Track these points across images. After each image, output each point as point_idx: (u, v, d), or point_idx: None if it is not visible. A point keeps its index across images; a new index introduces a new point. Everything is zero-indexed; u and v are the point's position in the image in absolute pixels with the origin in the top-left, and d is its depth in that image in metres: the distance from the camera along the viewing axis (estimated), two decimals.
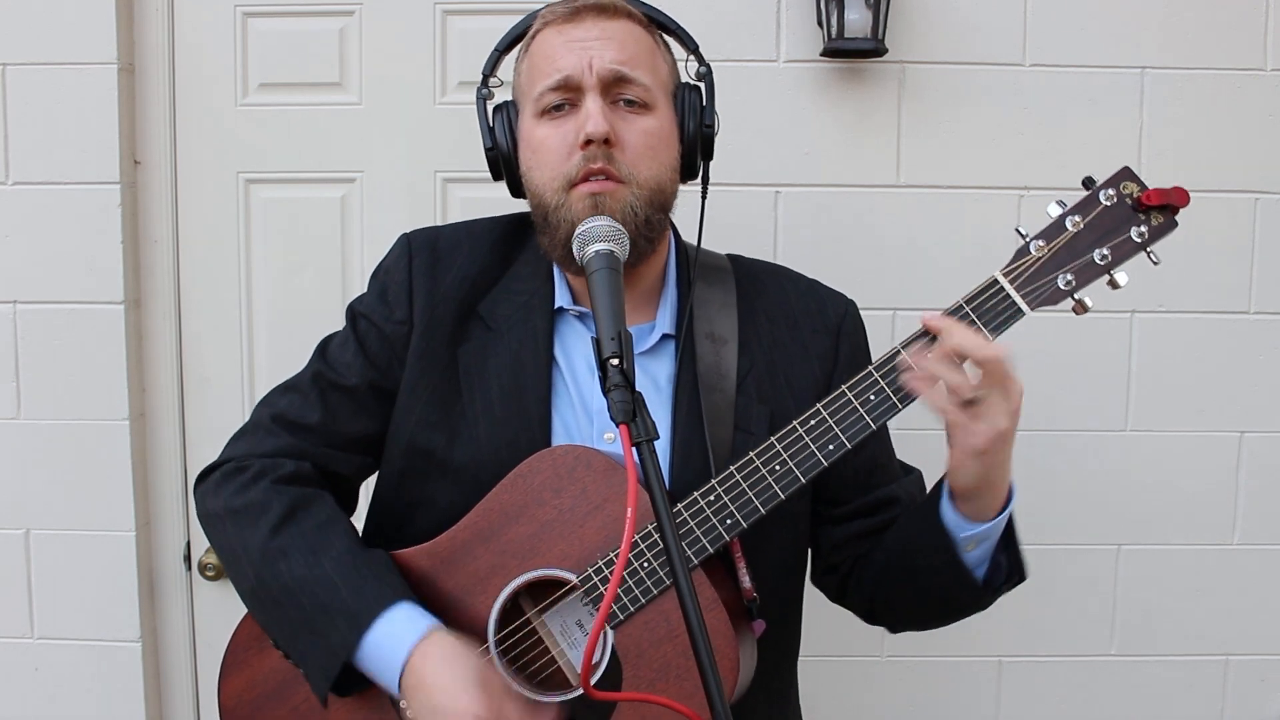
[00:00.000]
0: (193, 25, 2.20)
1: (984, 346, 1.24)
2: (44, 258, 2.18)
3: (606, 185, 1.38)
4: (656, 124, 1.43)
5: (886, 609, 1.53)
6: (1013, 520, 1.37)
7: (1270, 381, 2.23)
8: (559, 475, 1.37)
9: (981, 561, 1.37)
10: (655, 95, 1.43)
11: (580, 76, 1.39)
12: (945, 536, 1.34)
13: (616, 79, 1.40)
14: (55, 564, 2.24)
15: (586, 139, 1.37)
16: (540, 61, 1.44)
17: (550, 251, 1.46)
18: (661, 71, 1.47)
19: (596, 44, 1.40)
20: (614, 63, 1.39)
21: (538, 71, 1.43)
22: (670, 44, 1.53)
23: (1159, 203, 1.29)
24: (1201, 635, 2.29)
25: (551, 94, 1.41)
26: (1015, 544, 1.40)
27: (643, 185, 1.40)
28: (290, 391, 1.53)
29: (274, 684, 1.46)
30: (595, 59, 1.39)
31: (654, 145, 1.42)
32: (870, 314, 1.62)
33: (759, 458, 1.34)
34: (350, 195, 2.23)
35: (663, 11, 1.51)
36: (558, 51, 1.42)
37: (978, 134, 2.18)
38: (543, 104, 1.42)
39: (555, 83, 1.40)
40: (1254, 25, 2.16)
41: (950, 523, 1.34)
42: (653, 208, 1.41)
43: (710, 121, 1.50)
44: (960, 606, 1.45)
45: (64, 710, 2.27)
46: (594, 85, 1.39)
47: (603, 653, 1.36)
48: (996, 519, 1.33)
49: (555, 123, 1.41)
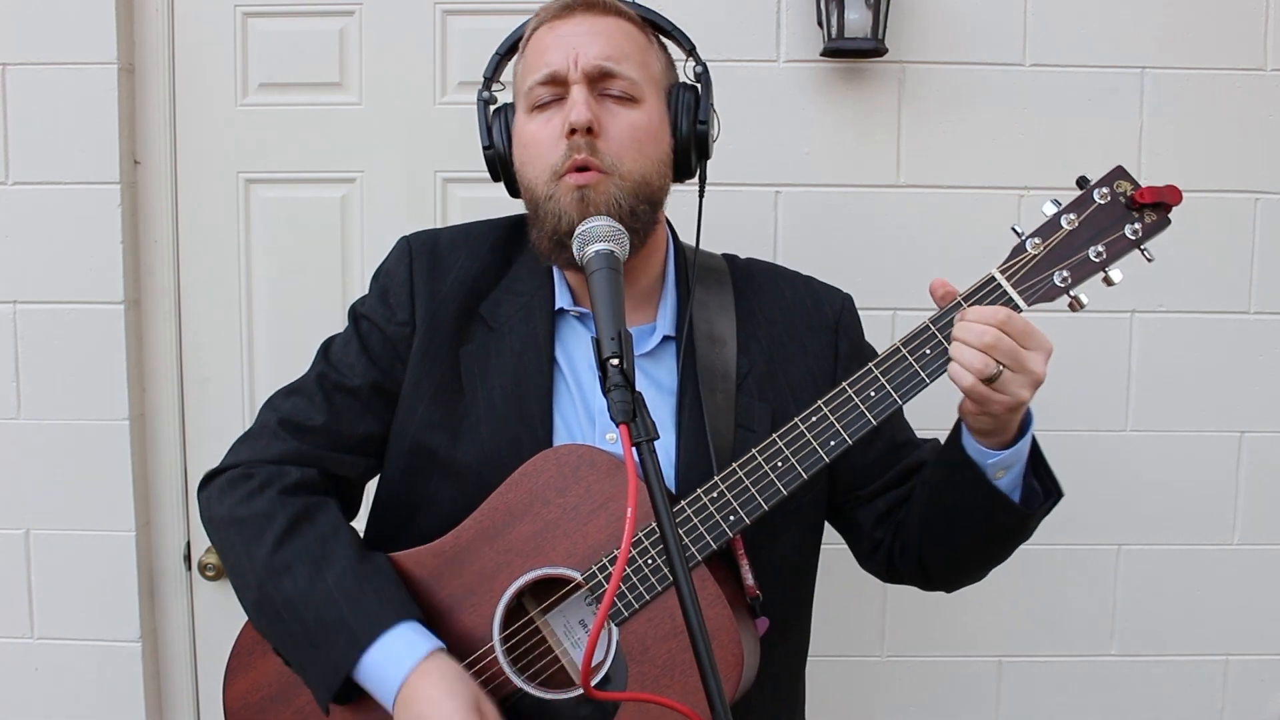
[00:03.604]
0: (193, 25, 2.20)
1: (999, 312, 1.26)
2: (44, 258, 2.18)
3: (590, 176, 1.38)
4: (644, 118, 1.43)
5: (937, 564, 1.49)
6: (1036, 442, 1.37)
7: (1270, 381, 2.24)
8: (563, 474, 1.38)
9: (1014, 487, 1.37)
10: (643, 89, 1.43)
11: (566, 70, 1.40)
12: (974, 469, 1.34)
13: (602, 73, 1.41)
14: (55, 564, 2.24)
15: (570, 128, 1.38)
16: (531, 58, 1.45)
17: (538, 243, 1.45)
18: (652, 68, 1.47)
19: (584, 38, 1.41)
20: (599, 57, 1.40)
21: (529, 68, 1.45)
22: (668, 45, 1.54)
23: (1152, 200, 1.30)
24: (1201, 635, 2.29)
25: (540, 88, 1.42)
26: (1045, 464, 1.40)
27: (626, 177, 1.40)
28: (295, 394, 1.54)
29: (278, 687, 1.46)
30: (581, 53, 1.40)
31: (639, 138, 1.42)
32: (870, 314, 1.63)
33: (761, 454, 1.35)
34: (350, 195, 2.23)
35: (657, 12, 1.52)
36: (547, 47, 1.43)
37: (978, 134, 2.18)
38: (532, 99, 1.43)
39: (543, 77, 1.41)
40: (1254, 25, 2.16)
41: (975, 454, 1.34)
42: (638, 199, 1.41)
43: (705, 120, 1.49)
44: (1005, 535, 1.43)
45: (64, 710, 2.27)
46: (579, 78, 1.40)
47: (606, 651, 1.36)
48: (1018, 444, 1.34)
49: (544, 116, 1.42)
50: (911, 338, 1.33)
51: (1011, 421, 1.32)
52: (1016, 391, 1.25)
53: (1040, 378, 1.27)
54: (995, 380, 1.25)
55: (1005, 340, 1.25)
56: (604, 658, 1.36)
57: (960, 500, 1.38)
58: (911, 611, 2.26)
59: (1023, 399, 1.26)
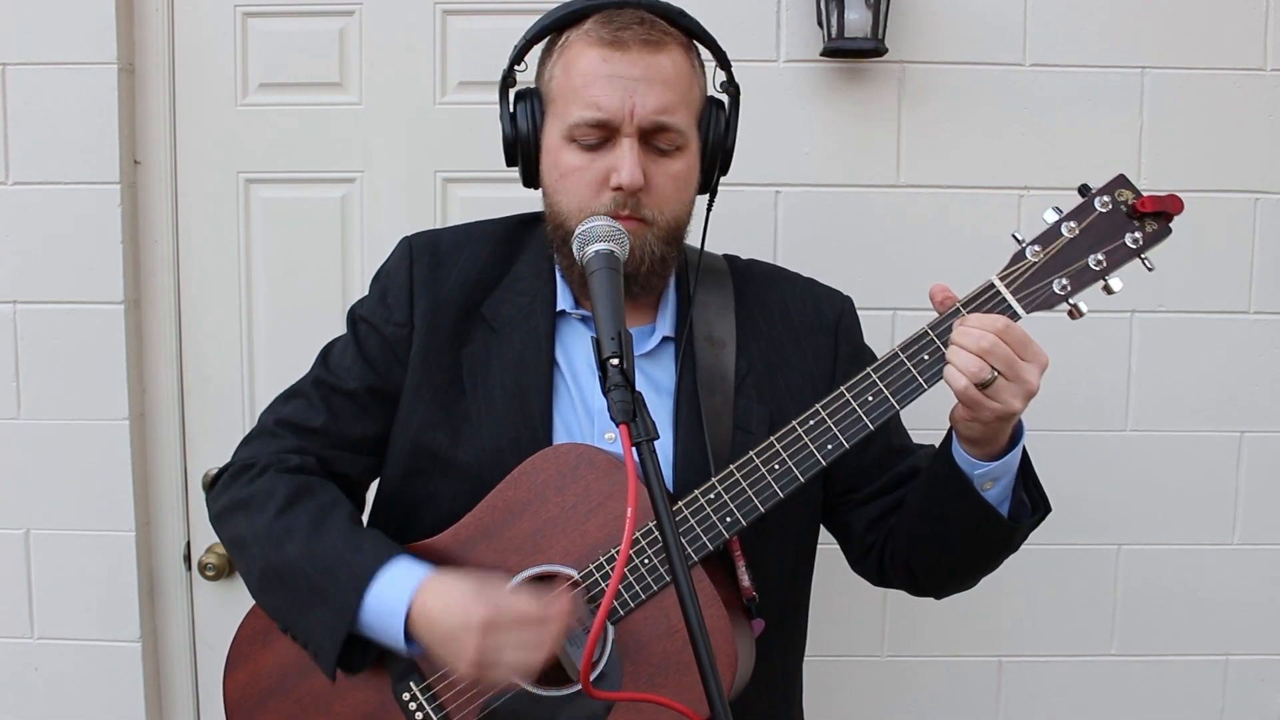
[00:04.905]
0: (193, 25, 2.20)
1: (999, 321, 1.27)
2: (44, 257, 2.18)
3: (630, 225, 1.37)
4: (685, 165, 1.43)
5: (925, 571, 1.50)
6: (1026, 455, 1.38)
7: (1270, 381, 2.24)
8: (562, 473, 1.38)
9: (1003, 499, 1.38)
10: (688, 136, 1.42)
11: (620, 121, 1.37)
12: (962, 479, 1.34)
13: (656, 128, 1.39)
14: (55, 564, 2.24)
15: (619, 187, 1.37)
16: (578, 82, 1.39)
17: (568, 274, 1.48)
18: (696, 103, 1.45)
19: (641, 85, 1.37)
20: (655, 112, 1.37)
21: (574, 94, 1.39)
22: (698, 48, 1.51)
23: (1153, 210, 1.30)
24: (1201, 635, 2.29)
25: (588, 129, 1.38)
26: (1034, 478, 1.40)
27: (664, 226, 1.42)
28: (293, 398, 1.55)
29: (277, 678, 1.47)
30: (638, 105, 1.37)
31: (680, 187, 1.43)
32: (870, 314, 1.63)
33: (759, 457, 1.35)
34: (350, 195, 2.23)
35: (699, 24, 1.47)
36: (598, 82, 1.38)
37: (978, 134, 2.18)
38: (577, 133, 1.40)
39: (593, 120, 1.38)
40: (1254, 25, 2.16)
41: (964, 464, 1.35)
42: (668, 244, 1.43)
43: (733, 140, 1.50)
44: (991, 546, 1.43)
45: (64, 710, 2.27)
46: (632, 132, 1.37)
47: (602, 650, 1.36)
48: (1007, 456, 1.34)
49: (587, 155, 1.40)
50: (910, 343, 1.33)
51: (1002, 432, 1.32)
52: (1009, 400, 1.26)
53: (1034, 389, 1.27)
54: (989, 386, 1.25)
55: (1002, 347, 1.25)
56: (600, 656, 1.37)
57: (948, 510, 1.38)
58: (911, 611, 2.26)
59: (1014, 409, 1.26)
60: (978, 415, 1.28)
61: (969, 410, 1.28)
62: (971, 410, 1.28)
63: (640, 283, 1.42)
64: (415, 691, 1.42)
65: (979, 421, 1.29)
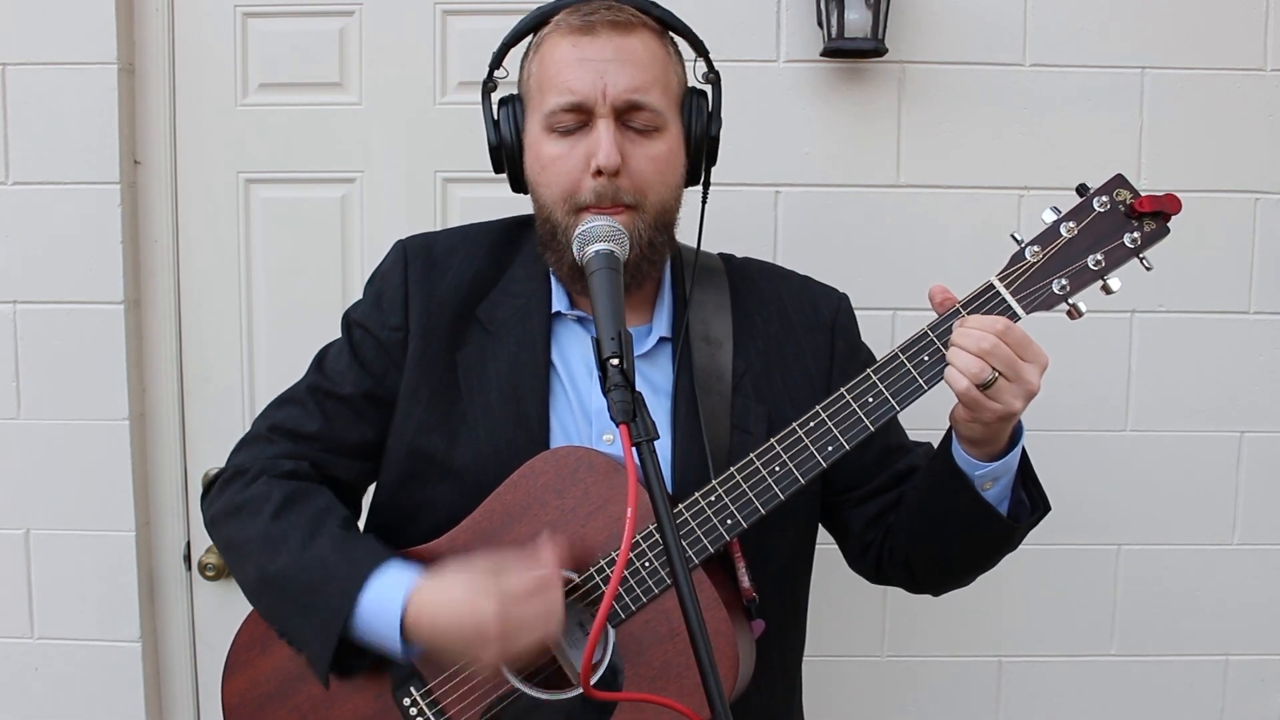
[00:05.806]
0: (193, 25, 2.20)
1: (999, 322, 1.27)
2: (44, 257, 2.18)
3: (615, 213, 1.37)
4: (665, 148, 1.42)
5: (923, 569, 1.51)
6: (1026, 454, 1.38)
7: (1270, 381, 2.24)
8: (561, 476, 1.38)
9: (1002, 498, 1.38)
10: (666, 118, 1.42)
11: (593, 102, 1.38)
12: (962, 478, 1.34)
13: (630, 106, 1.39)
14: (55, 564, 2.24)
15: (597, 169, 1.37)
16: (551, 72, 1.41)
17: (557, 269, 1.47)
18: (673, 87, 1.45)
19: (611, 65, 1.38)
20: (628, 90, 1.38)
21: (549, 83, 1.41)
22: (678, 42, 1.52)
23: (1151, 209, 1.30)
24: (1201, 635, 2.29)
25: (563, 115, 1.39)
26: (1034, 477, 1.41)
27: (649, 210, 1.41)
28: (288, 404, 1.54)
29: (276, 684, 1.47)
30: (610, 84, 1.37)
31: (662, 169, 1.42)
32: (870, 314, 1.63)
33: (759, 459, 1.35)
34: (350, 195, 2.23)
35: (672, 13, 1.49)
36: (570, 67, 1.39)
37: (978, 134, 2.18)
38: (553, 121, 1.40)
39: (567, 104, 1.38)
40: (1254, 25, 2.16)
41: (964, 464, 1.35)
42: (657, 229, 1.42)
43: (717, 129, 1.49)
44: (990, 545, 1.44)
45: (64, 710, 2.27)
46: (607, 112, 1.38)
47: (604, 652, 1.36)
48: (1006, 456, 1.34)
49: (565, 141, 1.40)
50: (910, 344, 1.33)
51: (1002, 432, 1.32)
52: (1009, 401, 1.26)
53: (1034, 389, 1.27)
54: (990, 387, 1.25)
55: (1002, 348, 1.25)
56: (601, 658, 1.36)
57: (947, 509, 1.38)
58: (912, 611, 2.26)
59: (1015, 409, 1.27)
60: (978, 416, 1.28)
61: (970, 411, 1.28)
62: (972, 411, 1.28)
63: (631, 271, 1.38)
64: (416, 696, 1.42)
65: (979, 422, 1.29)
